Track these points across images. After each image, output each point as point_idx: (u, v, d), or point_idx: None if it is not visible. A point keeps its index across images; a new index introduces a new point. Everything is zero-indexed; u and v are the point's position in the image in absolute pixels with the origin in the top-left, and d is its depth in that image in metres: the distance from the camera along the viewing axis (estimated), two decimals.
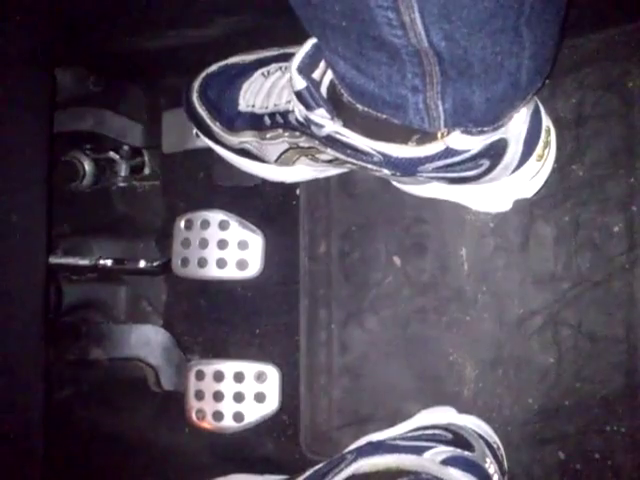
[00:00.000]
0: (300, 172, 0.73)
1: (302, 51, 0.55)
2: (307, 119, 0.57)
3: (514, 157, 0.59)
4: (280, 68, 0.66)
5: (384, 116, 0.53)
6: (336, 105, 0.55)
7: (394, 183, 0.71)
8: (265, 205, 0.82)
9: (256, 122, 0.67)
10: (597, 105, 0.67)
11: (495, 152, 0.57)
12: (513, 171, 0.62)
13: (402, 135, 0.55)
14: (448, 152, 0.55)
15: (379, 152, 0.56)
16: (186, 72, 0.73)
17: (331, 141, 0.58)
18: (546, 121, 0.62)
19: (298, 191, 0.79)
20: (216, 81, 0.71)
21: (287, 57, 0.67)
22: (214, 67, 0.72)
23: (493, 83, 0.48)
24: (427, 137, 0.54)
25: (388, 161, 0.57)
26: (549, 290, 0.68)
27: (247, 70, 0.69)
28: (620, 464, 0.65)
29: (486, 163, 0.58)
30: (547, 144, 0.63)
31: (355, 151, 0.58)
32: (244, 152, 0.72)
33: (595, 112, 0.67)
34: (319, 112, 0.55)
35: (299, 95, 0.56)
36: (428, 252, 0.73)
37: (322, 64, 0.56)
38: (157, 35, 0.79)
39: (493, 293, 0.70)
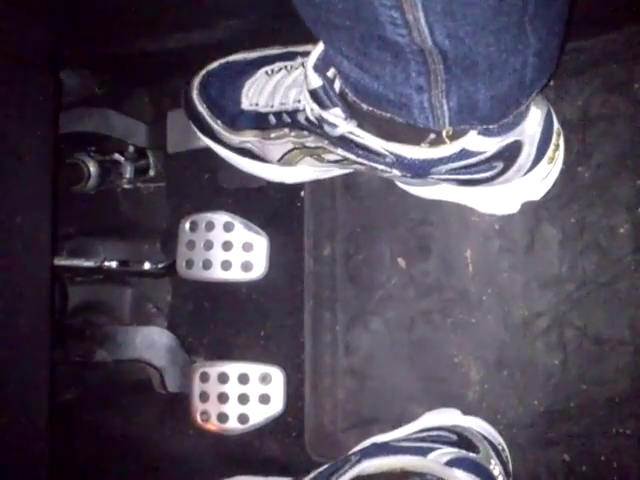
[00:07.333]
0: (302, 172, 0.72)
1: (318, 49, 0.54)
2: (320, 118, 0.57)
3: (528, 159, 0.59)
4: (285, 67, 0.65)
5: (388, 115, 0.53)
6: (347, 105, 0.55)
7: (399, 185, 0.70)
8: (270, 207, 0.82)
9: (260, 121, 0.66)
10: (603, 107, 0.67)
11: (510, 154, 0.57)
12: (525, 173, 0.61)
13: (415, 136, 0.54)
14: (463, 154, 0.54)
15: (392, 153, 0.56)
16: (190, 74, 0.73)
17: (343, 141, 0.58)
18: (556, 124, 0.62)
19: (303, 193, 0.79)
20: (217, 78, 0.70)
21: (291, 56, 0.66)
22: (215, 64, 0.71)
23: (498, 81, 0.47)
24: (441, 139, 0.54)
25: (401, 162, 0.56)
26: (554, 292, 0.68)
27: (249, 68, 0.68)
28: (626, 466, 0.65)
29: (500, 165, 0.58)
30: (557, 147, 0.63)
31: (367, 152, 0.57)
32: (245, 151, 0.71)
33: (601, 114, 0.67)
34: (334, 111, 0.55)
35: (314, 94, 0.55)
36: (433, 254, 0.72)
37: None
38: (162, 37, 0.79)
39: (498, 295, 0.70)
